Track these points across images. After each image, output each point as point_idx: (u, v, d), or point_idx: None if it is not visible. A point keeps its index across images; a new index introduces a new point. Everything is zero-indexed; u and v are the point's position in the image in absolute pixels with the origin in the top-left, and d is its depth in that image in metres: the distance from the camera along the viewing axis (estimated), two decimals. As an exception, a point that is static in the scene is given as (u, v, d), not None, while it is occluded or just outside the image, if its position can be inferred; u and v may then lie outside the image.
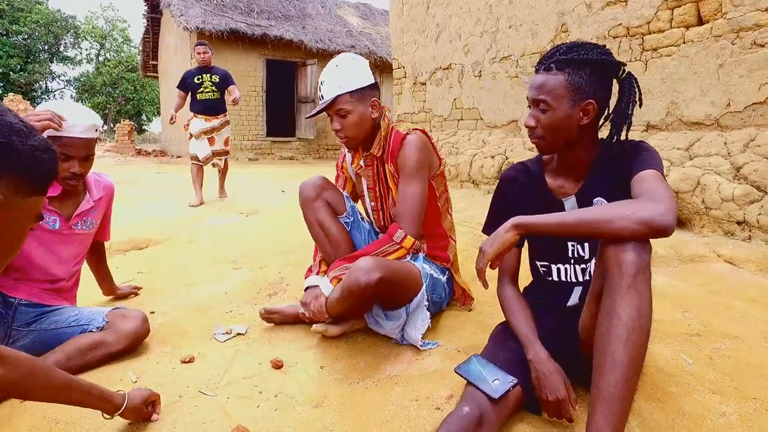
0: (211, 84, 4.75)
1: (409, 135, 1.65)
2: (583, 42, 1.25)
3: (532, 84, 1.28)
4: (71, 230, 1.73)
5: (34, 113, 1.49)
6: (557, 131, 1.25)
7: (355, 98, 1.65)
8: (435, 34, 4.60)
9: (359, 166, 1.83)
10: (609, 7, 3.15)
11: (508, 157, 3.46)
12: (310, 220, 1.81)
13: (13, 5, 21.98)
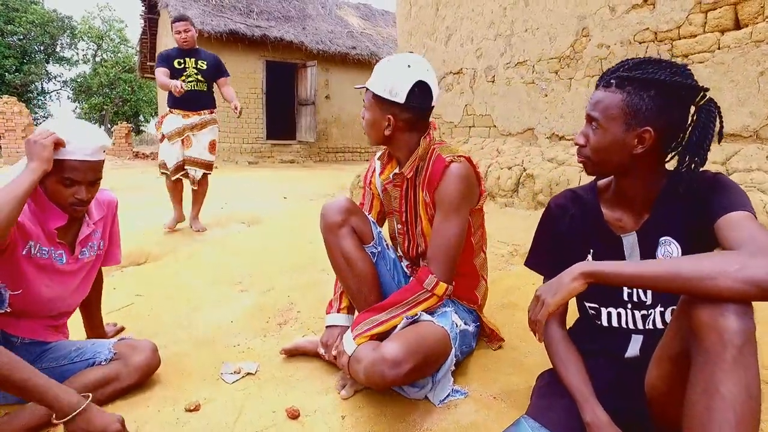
0: (196, 71, 3.68)
1: (453, 163, 1.44)
2: (656, 58, 1.07)
3: (590, 99, 1.12)
4: (77, 260, 1.57)
5: (38, 134, 1.35)
6: (605, 155, 1.09)
7: (375, 102, 1.50)
8: (445, 37, 4.42)
9: (388, 179, 1.64)
10: (634, 10, 2.98)
11: (525, 169, 3.29)
12: (333, 250, 1.61)
13: (8, 5, 21.69)
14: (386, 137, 1.53)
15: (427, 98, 1.50)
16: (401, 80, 1.45)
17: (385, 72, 1.48)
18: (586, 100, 3.22)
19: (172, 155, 3.72)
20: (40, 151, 1.33)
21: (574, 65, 3.36)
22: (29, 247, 1.42)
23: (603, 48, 3.17)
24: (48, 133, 1.36)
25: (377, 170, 1.75)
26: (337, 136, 12.70)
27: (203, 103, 3.78)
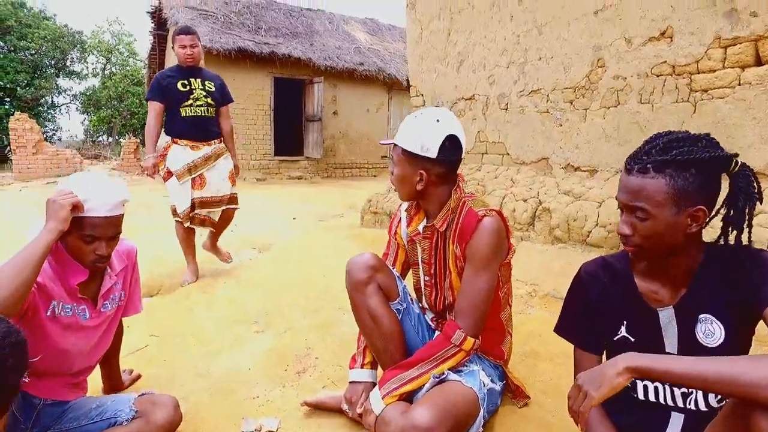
0: (205, 94, 3.17)
1: (486, 218, 1.44)
2: (683, 135, 1.05)
3: (624, 186, 1.08)
4: (100, 314, 1.55)
5: (61, 195, 1.35)
6: (659, 241, 1.06)
7: (405, 157, 1.50)
8: (456, 63, 4.42)
9: (416, 231, 1.62)
10: (651, 43, 2.96)
11: (542, 202, 3.25)
12: (359, 308, 1.59)
13: (21, 22, 21.97)
14: (418, 192, 1.53)
15: (458, 151, 1.51)
16: (432, 135, 1.45)
17: (415, 128, 1.48)
18: (602, 132, 3.20)
19: (184, 197, 3.17)
20: (58, 211, 1.32)
21: (590, 96, 3.33)
22: (52, 307, 1.41)
23: (619, 80, 3.14)
24: (68, 194, 1.35)
25: (404, 221, 1.73)
26: (345, 152, 12.72)
27: (213, 131, 3.28)
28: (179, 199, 3.19)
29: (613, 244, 2.77)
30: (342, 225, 5.63)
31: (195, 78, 3.19)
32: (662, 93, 2.93)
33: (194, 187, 3.19)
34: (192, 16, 11.11)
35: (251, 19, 12.17)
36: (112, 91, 25.32)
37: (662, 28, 2.89)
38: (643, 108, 3.03)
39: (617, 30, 3.12)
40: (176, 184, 3.17)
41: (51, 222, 1.32)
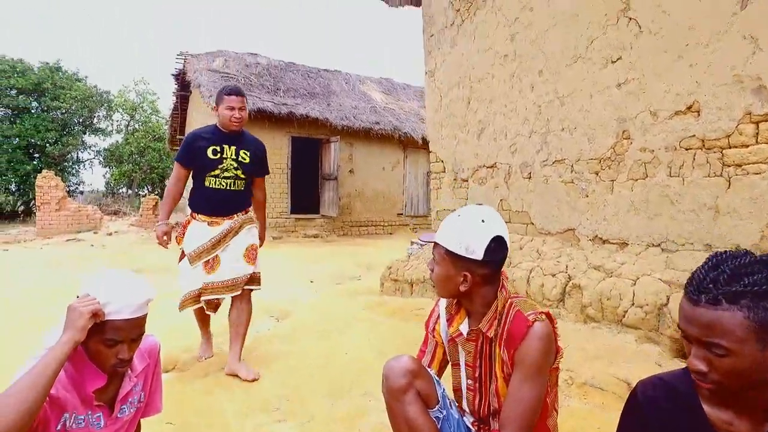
0: (236, 165, 2.85)
1: (536, 323, 1.36)
2: (750, 260, 0.95)
3: (692, 318, 0.97)
4: (116, 420, 1.45)
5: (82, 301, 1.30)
6: (743, 379, 0.94)
7: (448, 257, 1.43)
8: (477, 131, 4.43)
9: (458, 332, 1.53)
10: (678, 116, 2.92)
11: (571, 277, 3.14)
12: (397, 417, 1.47)
13: (56, 84, 23.23)
14: (461, 292, 1.46)
15: (504, 251, 1.44)
16: (478, 237, 1.39)
17: (459, 228, 1.42)
18: (631, 204, 3.11)
19: (189, 281, 2.90)
20: (76, 320, 1.27)
21: (616, 167, 3.28)
22: (64, 420, 1.31)
23: (646, 152, 3.10)
24: (89, 300, 1.30)
25: (443, 318, 1.64)
26: (361, 209, 12.77)
27: (238, 205, 2.95)
28: (185, 280, 2.92)
29: (651, 326, 2.62)
30: (361, 289, 5.52)
31: (231, 145, 2.84)
32: (692, 167, 2.86)
33: (207, 270, 2.88)
34: (214, 78, 11.56)
35: (270, 80, 12.61)
36: (134, 146, 26.17)
37: (688, 103, 2.86)
38: (672, 181, 2.96)
39: (641, 103, 3.11)
40: (187, 266, 2.91)
41: (68, 332, 1.26)
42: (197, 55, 12.79)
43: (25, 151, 22.80)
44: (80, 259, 8.18)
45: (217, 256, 2.89)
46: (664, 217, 3.01)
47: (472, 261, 1.40)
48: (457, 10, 4.66)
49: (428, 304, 4.16)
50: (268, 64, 13.32)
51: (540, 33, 3.78)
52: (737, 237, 2.68)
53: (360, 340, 3.42)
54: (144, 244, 10.40)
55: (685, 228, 2.89)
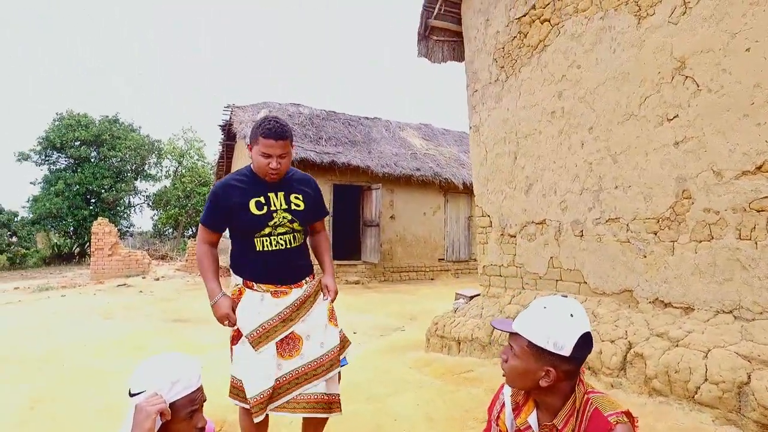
0: (290, 217, 2.19)
1: (618, 425, 1.28)
2: None
3: None
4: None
5: (150, 401, 1.33)
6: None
7: (531, 351, 1.38)
8: (525, 186, 4.36)
9: (526, 424, 1.46)
10: (745, 176, 2.78)
11: (632, 344, 2.95)
12: None
13: (113, 134, 24.91)
14: (538, 386, 1.39)
15: (590, 347, 1.39)
16: (567, 333, 1.34)
17: (546, 322, 1.37)
18: (695, 267, 2.94)
19: (258, 372, 2.08)
20: (143, 421, 1.30)
21: (676, 228, 3.12)
22: None
23: (711, 213, 2.94)
24: (155, 401, 1.33)
25: (508, 407, 1.56)
26: (402, 255, 12.71)
27: (305, 268, 2.29)
28: (251, 375, 2.08)
29: (731, 406, 2.40)
30: (406, 344, 5.40)
31: (277, 191, 2.17)
32: (766, 230, 2.69)
33: (282, 354, 2.14)
34: (261, 130, 11.99)
35: (313, 129, 12.99)
36: (181, 190, 27.34)
37: (758, 163, 2.72)
38: (743, 244, 2.77)
39: (703, 162, 2.98)
40: (247, 351, 2.11)
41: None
42: (243, 106, 13.38)
43: (83, 197, 24.21)
44: (130, 309, 8.41)
45: (293, 333, 2.17)
46: (735, 282, 2.81)
47: (557, 356, 1.34)
48: (501, 66, 4.70)
49: (477, 364, 4.00)
50: (311, 114, 13.77)
51: (589, 90, 3.74)
52: (822, 308, 2.46)
53: (409, 405, 3.30)
54: (189, 291, 10.62)
55: (763, 295, 2.69)
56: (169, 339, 5.91)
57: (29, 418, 3.40)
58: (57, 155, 24.78)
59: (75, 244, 24.92)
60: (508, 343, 1.48)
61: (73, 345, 5.61)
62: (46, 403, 3.69)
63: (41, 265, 22.11)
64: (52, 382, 4.22)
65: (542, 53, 4.22)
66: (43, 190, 24.12)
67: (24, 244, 23.45)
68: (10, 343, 5.73)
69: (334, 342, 2.24)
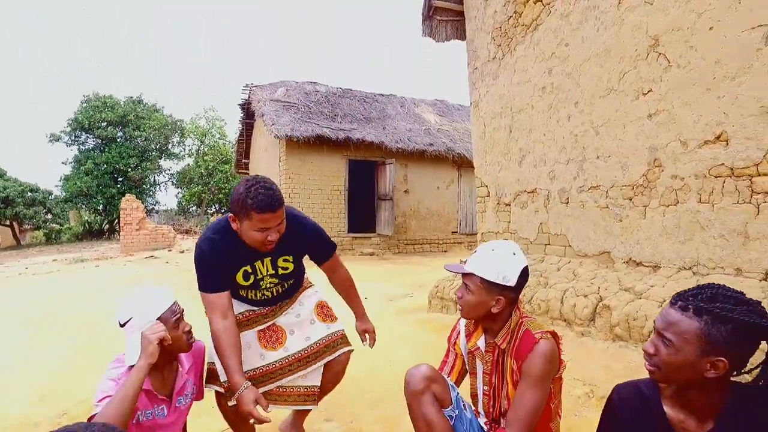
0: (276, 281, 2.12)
1: (541, 341, 1.62)
2: (735, 294, 1.17)
3: (663, 315, 1.22)
4: (177, 409, 1.83)
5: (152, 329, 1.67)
6: (674, 371, 1.18)
7: (483, 285, 1.70)
8: (518, 158, 4.66)
9: (476, 346, 1.82)
10: (707, 146, 3.05)
11: (602, 298, 3.29)
12: (416, 415, 1.78)
13: (138, 115, 25.68)
14: (489, 314, 1.72)
15: (527, 277, 1.74)
16: (512, 267, 1.68)
17: (495, 260, 1.70)
18: (663, 229, 3.25)
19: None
20: (147, 347, 1.63)
21: (648, 194, 3.42)
22: (137, 416, 1.69)
23: (677, 179, 3.22)
24: (156, 329, 1.66)
25: (462, 334, 1.93)
26: (416, 228, 13.08)
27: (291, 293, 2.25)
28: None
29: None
30: (411, 307, 5.80)
31: (264, 258, 2.04)
32: (722, 194, 2.97)
33: (265, 345, 2.15)
34: (276, 108, 12.38)
35: (329, 107, 13.30)
36: (203, 168, 28.06)
37: (716, 133, 2.99)
38: (703, 207, 3.07)
39: (671, 133, 3.25)
40: None
41: (142, 359, 1.62)
42: (261, 86, 13.74)
43: (111, 175, 25.15)
44: (157, 278, 9.03)
45: (275, 324, 2.20)
46: (695, 241, 3.12)
47: (505, 287, 1.69)
48: (499, 45, 4.95)
49: (471, 322, 4.39)
50: (327, 92, 14.06)
51: (575, 67, 4.00)
52: (766, 261, 2.75)
53: (405, 353, 3.72)
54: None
55: (716, 253, 2.99)
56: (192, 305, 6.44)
57: (80, 360, 3.95)
58: (86, 136, 25.70)
59: (104, 221, 26.02)
60: (462, 284, 1.80)
61: (108, 307, 6.19)
62: (89, 351, 4.24)
63: (74, 240, 23.24)
64: (94, 336, 4.78)
65: (535, 32, 4.46)
66: (74, 170, 25.13)
67: (58, 221, 24.59)
68: (58, 304, 6.37)
69: (320, 334, 2.24)
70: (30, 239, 27.05)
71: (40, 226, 23.11)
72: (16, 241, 24.79)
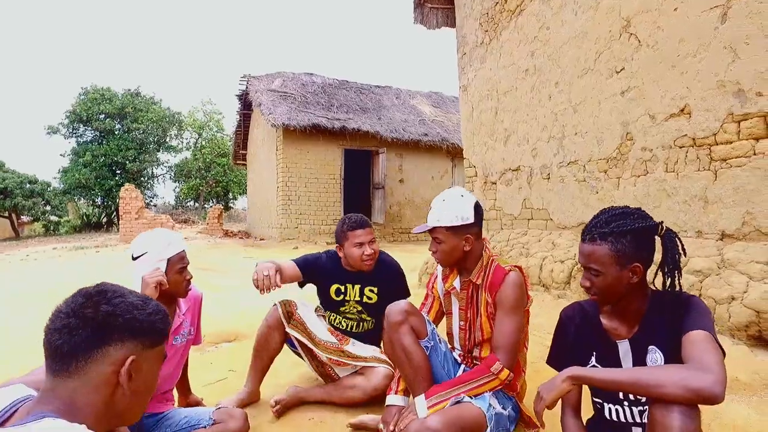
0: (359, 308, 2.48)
1: (511, 272, 1.83)
2: (621, 211, 1.40)
3: (580, 251, 1.44)
4: (173, 346, 2.00)
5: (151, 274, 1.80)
6: (610, 291, 1.39)
7: (450, 232, 1.88)
8: (504, 138, 4.88)
9: (452, 286, 2.02)
10: (672, 119, 3.27)
11: (577, 263, 3.52)
12: (394, 344, 1.99)
13: (135, 107, 25.78)
14: (464, 253, 1.92)
15: (482, 210, 1.96)
16: (464, 206, 1.90)
17: (449, 207, 1.90)
18: (634, 198, 3.49)
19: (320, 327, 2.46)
20: (144, 288, 1.76)
21: (621, 166, 3.64)
22: None
23: (646, 151, 3.45)
24: (154, 274, 1.80)
25: (440, 278, 2.14)
26: (411, 217, 13.30)
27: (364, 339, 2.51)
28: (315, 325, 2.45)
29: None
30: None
31: (354, 283, 2.44)
32: (685, 163, 3.20)
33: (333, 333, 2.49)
34: (273, 98, 12.57)
35: (325, 97, 13.50)
36: (201, 162, 28.19)
37: (681, 106, 3.21)
38: (668, 176, 3.30)
39: (641, 108, 3.48)
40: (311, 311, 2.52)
41: None
42: (258, 76, 13.91)
43: (109, 168, 25.27)
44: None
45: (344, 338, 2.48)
46: (662, 208, 3.35)
47: (468, 225, 1.90)
48: (486, 30, 5.16)
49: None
50: (323, 83, 14.25)
51: (555, 49, 4.21)
52: (722, 223, 2.99)
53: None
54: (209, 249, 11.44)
55: (680, 217, 3.22)
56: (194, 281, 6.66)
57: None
58: (84, 128, 25.80)
59: (102, 214, 26.17)
60: (431, 239, 1.98)
61: (111, 285, 6.41)
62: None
63: (72, 232, 23.39)
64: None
65: (519, 17, 4.68)
66: (72, 162, 25.25)
67: (56, 213, 24.71)
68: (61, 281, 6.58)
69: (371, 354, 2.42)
70: (28, 232, 27.20)
71: (38, 217, 23.26)
72: (15, 233, 24.95)
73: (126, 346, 0.95)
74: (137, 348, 0.97)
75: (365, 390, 2.30)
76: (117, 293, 1.00)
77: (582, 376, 1.28)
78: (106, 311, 0.94)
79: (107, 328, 0.93)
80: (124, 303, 0.98)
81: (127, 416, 0.99)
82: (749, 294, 2.54)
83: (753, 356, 2.42)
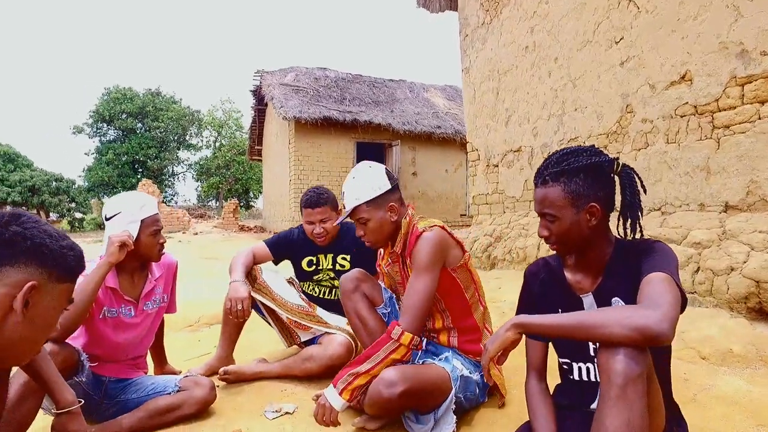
0: (333, 275, 2.50)
1: (425, 232, 1.70)
2: (572, 149, 1.29)
3: (535, 198, 1.32)
4: (143, 312, 1.95)
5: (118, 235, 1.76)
6: (569, 237, 1.28)
7: (371, 207, 1.76)
8: (505, 119, 4.75)
9: (387, 263, 1.91)
10: (673, 87, 3.11)
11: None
12: (348, 311, 1.92)
13: (156, 106, 26.30)
14: (393, 224, 1.80)
15: (394, 176, 1.84)
16: (377, 176, 1.78)
17: (361, 182, 1.78)
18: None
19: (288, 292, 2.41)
20: (109, 247, 1.75)
21: (621, 140, 3.49)
22: (104, 312, 1.84)
23: (647, 123, 3.29)
24: (120, 236, 1.76)
25: (381, 258, 2.04)
26: (424, 210, 13.16)
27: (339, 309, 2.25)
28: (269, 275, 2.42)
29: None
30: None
31: (327, 253, 2.47)
32: (687, 132, 3.04)
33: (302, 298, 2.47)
34: (285, 92, 12.59)
35: (337, 91, 13.46)
36: (221, 160, 28.55)
37: (681, 72, 3.05)
38: (670, 147, 3.14)
39: (641, 78, 3.32)
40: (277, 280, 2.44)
41: (105, 257, 1.75)
42: (271, 71, 13.96)
43: (131, 166, 25.83)
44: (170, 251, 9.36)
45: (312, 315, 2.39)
46: (664, 181, 3.19)
47: (387, 193, 1.78)
48: (487, 10, 5.03)
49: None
50: (336, 77, 14.22)
51: (555, 23, 4.07)
52: (726, 194, 2.82)
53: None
54: (224, 242, 11.56)
55: (682, 190, 3.06)
56: (198, 267, 6.71)
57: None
58: (107, 127, 26.43)
59: (124, 211, 26.68)
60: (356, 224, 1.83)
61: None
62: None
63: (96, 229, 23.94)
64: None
65: (519, -8, 4.54)
66: (96, 160, 25.90)
67: (81, 210, 25.37)
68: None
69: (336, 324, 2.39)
70: (55, 229, 27.98)
71: (64, 214, 23.91)
72: (42, 230, 25.65)
73: (29, 271, 0.92)
74: (42, 277, 0.94)
75: (320, 361, 2.22)
76: (33, 220, 0.97)
77: (526, 323, 1.18)
78: (14, 231, 0.92)
79: (11, 248, 0.91)
80: (37, 229, 0.96)
81: (11, 352, 0.94)
82: (749, 264, 2.39)
83: (752, 329, 2.26)
